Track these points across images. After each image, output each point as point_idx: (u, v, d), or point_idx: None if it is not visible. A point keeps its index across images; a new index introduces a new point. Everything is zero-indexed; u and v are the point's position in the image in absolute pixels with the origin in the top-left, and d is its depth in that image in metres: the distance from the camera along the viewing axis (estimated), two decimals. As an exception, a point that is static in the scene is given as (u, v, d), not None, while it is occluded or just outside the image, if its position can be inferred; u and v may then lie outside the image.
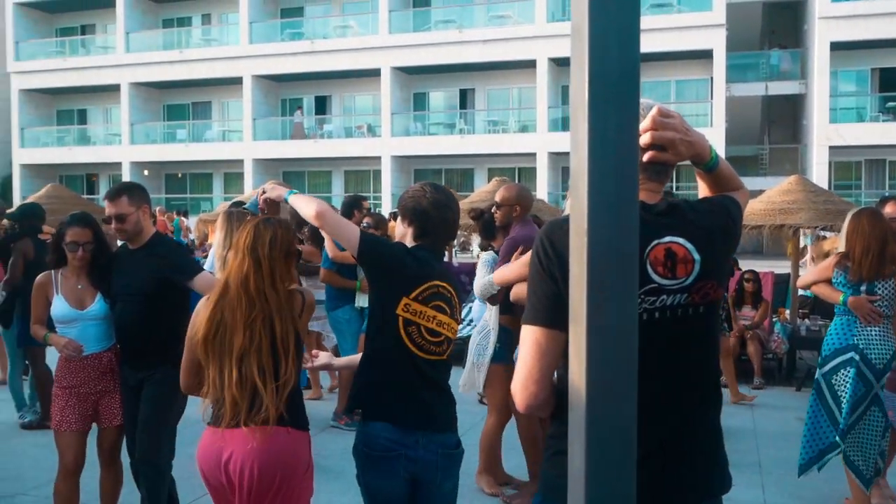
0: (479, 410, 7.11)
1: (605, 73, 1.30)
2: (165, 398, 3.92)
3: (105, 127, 36.97)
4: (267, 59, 31.80)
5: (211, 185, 35.75)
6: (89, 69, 34.90)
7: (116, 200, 3.91)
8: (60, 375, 3.98)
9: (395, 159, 30.79)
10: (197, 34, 34.55)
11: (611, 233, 1.32)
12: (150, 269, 3.91)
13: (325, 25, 32.33)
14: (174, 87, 34.85)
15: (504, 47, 28.85)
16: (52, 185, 13.21)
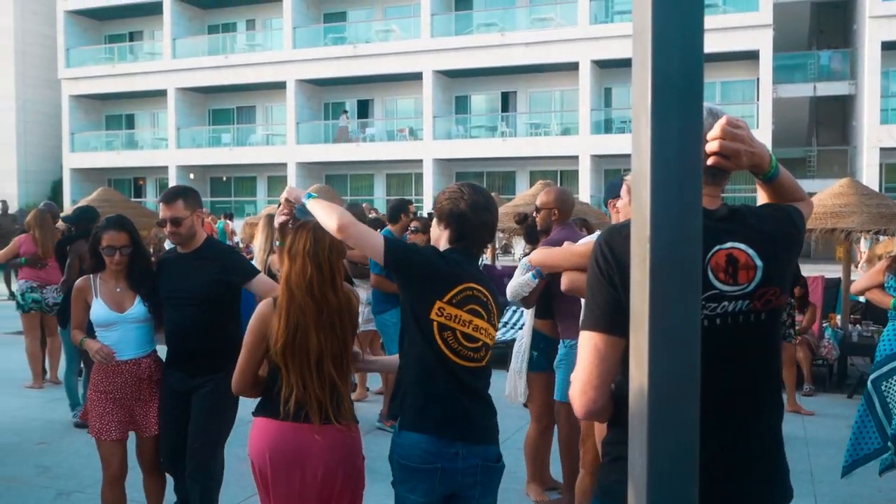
0: (523, 414, 7.08)
1: (669, 76, 1.29)
2: (222, 406, 3.92)
3: (152, 131, 37.67)
4: (310, 63, 32.10)
5: (255, 188, 36.20)
6: (137, 75, 35.58)
7: (172, 204, 3.90)
8: (97, 380, 3.94)
9: (437, 162, 30.87)
10: (242, 40, 35.02)
11: (674, 239, 1.31)
12: (204, 273, 3.89)
13: (368, 30, 32.54)
14: (219, 91, 35.37)
15: (546, 50, 28.75)
16: (102, 188, 13.49)
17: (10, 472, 5.48)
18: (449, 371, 2.69)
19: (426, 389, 2.70)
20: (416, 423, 2.68)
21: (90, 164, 37.15)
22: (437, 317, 2.69)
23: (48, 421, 6.72)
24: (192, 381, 3.91)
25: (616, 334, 1.73)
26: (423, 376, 2.70)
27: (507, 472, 5.50)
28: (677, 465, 1.33)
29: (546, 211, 4.82)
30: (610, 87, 30.25)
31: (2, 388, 8.13)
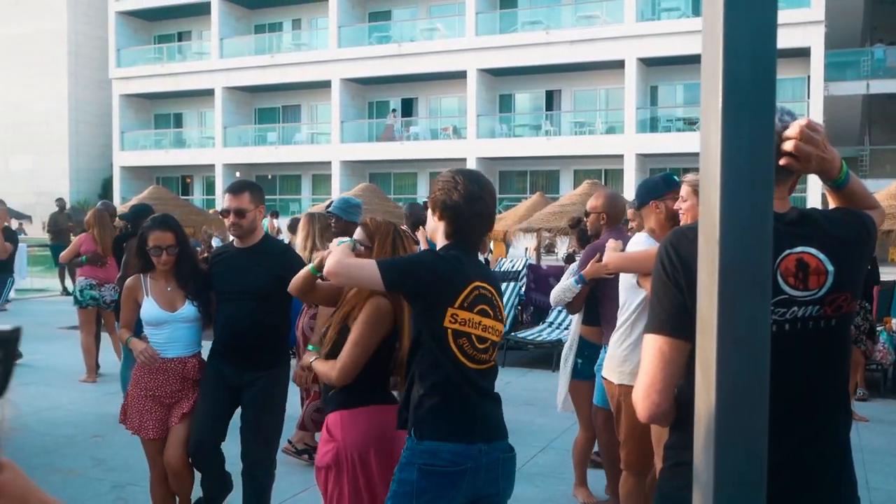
0: (569, 415, 7.05)
1: (740, 79, 1.27)
2: (277, 402, 3.98)
3: (199, 130, 38.28)
4: (355, 62, 32.32)
5: (300, 186, 36.56)
6: (185, 74, 36.19)
7: (239, 195, 3.90)
8: (139, 377, 3.94)
9: (481, 161, 30.84)
10: (287, 39, 35.40)
11: (743, 244, 1.29)
12: (263, 269, 3.89)
13: (413, 28, 32.66)
14: (265, 90, 35.80)
15: (592, 48, 28.55)
16: (153, 187, 13.79)
17: (67, 465, 5.62)
18: (464, 377, 2.65)
19: (445, 398, 2.64)
20: (440, 432, 2.63)
21: (139, 162, 37.88)
22: (451, 324, 2.63)
23: (102, 414, 6.87)
24: (243, 376, 3.90)
25: (681, 338, 1.72)
26: (440, 385, 2.64)
27: (554, 475, 5.49)
28: (745, 472, 1.31)
29: (595, 215, 4.78)
30: (656, 86, 29.93)
31: (57, 382, 8.33)
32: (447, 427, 2.63)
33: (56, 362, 9.37)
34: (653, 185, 3.95)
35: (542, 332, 9.73)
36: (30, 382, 8.26)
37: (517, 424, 6.84)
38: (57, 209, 16.55)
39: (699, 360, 1.33)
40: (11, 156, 42.43)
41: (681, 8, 29.05)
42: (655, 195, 3.90)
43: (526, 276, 11.26)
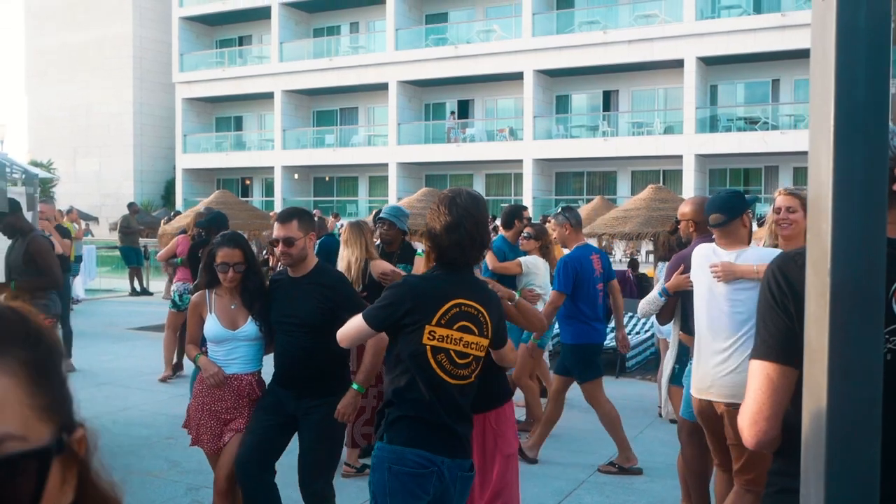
0: (635, 423, 6.98)
1: (853, 104, 1.25)
2: (335, 432, 3.92)
3: (259, 133, 38.92)
4: (412, 64, 32.48)
5: (357, 188, 36.90)
6: (246, 78, 36.83)
7: (288, 224, 3.83)
8: (199, 391, 3.97)
9: (537, 162, 30.73)
10: (345, 42, 35.77)
11: (855, 271, 1.27)
12: (315, 300, 3.82)
13: (469, 30, 32.68)
14: (323, 93, 36.22)
15: (650, 47, 28.20)
16: (219, 191, 14.09)
17: (144, 466, 5.77)
18: (443, 393, 2.84)
19: (416, 414, 2.84)
20: (406, 439, 2.84)
21: (200, 164, 38.67)
22: (429, 340, 2.82)
23: (174, 416, 7.01)
24: (300, 403, 3.85)
25: (790, 364, 1.70)
26: (414, 403, 2.84)
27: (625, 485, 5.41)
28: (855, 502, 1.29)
29: (683, 223, 4.70)
30: (716, 85, 29.42)
31: (130, 382, 8.55)
32: (413, 436, 2.83)
33: (127, 363, 9.62)
34: (738, 199, 3.89)
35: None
36: (103, 383, 8.50)
37: (581, 433, 6.82)
38: (128, 212, 16.99)
39: (807, 389, 1.31)
40: (79, 158, 43.73)
41: (742, 5, 28.50)
42: (747, 207, 3.87)
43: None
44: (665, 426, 6.81)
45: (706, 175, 29.30)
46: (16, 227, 6.30)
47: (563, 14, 31.02)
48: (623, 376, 8.97)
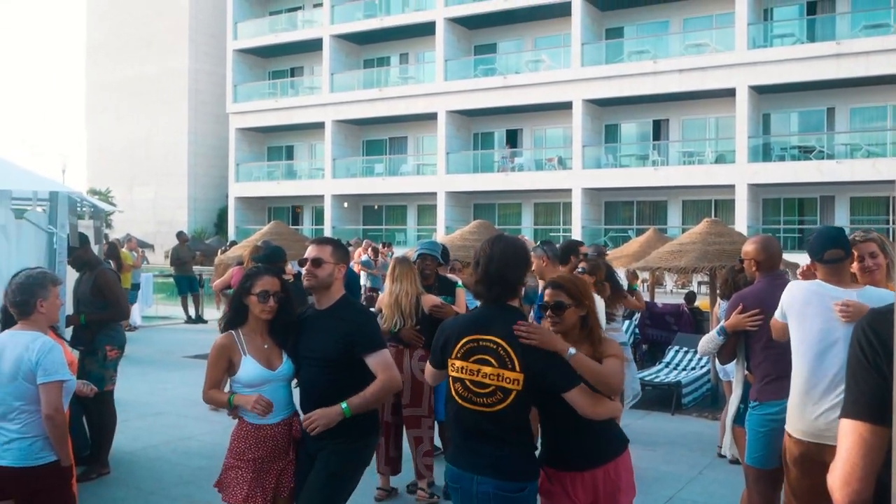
0: (694, 462, 6.86)
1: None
2: (340, 472, 3.66)
3: (310, 162, 39.52)
4: (461, 94, 32.76)
5: (405, 216, 37.16)
6: (297, 108, 37.51)
7: (322, 246, 3.75)
8: (243, 447, 3.67)
9: (586, 191, 30.61)
10: (395, 73, 36.23)
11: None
12: (335, 333, 3.65)
13: (518, 60, 32.88)
14: (373, 123, 36.69)
15: (701, 76, 28.03)
16: (274, 222, 14.30)
17: (204, 497, 5.83)
18: (460, 415, 3.20)
19: (451, 432, 3.36)
20: (448, 457, 3.31)
21: (252, 192, 39.36)
22: (451, 371, 3.23)
23: (231, 446, 7.10)
24: (318, 443, 3.67)
25: (883, 424, 1.67)
26: (450, 418, 3.33)
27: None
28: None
29: (747, 262, 4.63)
30: (768, 113, 29.08)
31: (187, 411, 8.67)
32: (451, 454, 3.28)
33: (183, 392, 9.75)
34: (845, 235, 3.83)
35: (660, 372, 9.52)
36: (161, 412, 8.64)
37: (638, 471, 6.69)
38: (178, 242, 17.34)
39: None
40: (135, 187, 44.85)
41: (795, 34, 28.23)
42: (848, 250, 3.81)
43: (640, 313, 11.08)
44: (725, 466, 6.67)
45: (759, 205, 28.89)
46: (84, 260, 6.46)
47: (612, 44, 31.04)
48: (679, 413, 8.81)
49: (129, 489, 6.07)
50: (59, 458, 3.75)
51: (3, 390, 3.70)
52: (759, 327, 4.26)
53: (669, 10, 30.29)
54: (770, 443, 4.17)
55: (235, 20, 39.60)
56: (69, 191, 5.44)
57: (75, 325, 6.17)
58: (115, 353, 6.51)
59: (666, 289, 24.22)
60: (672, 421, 8.51)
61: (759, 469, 4.19)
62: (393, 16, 35.03)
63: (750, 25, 27.56)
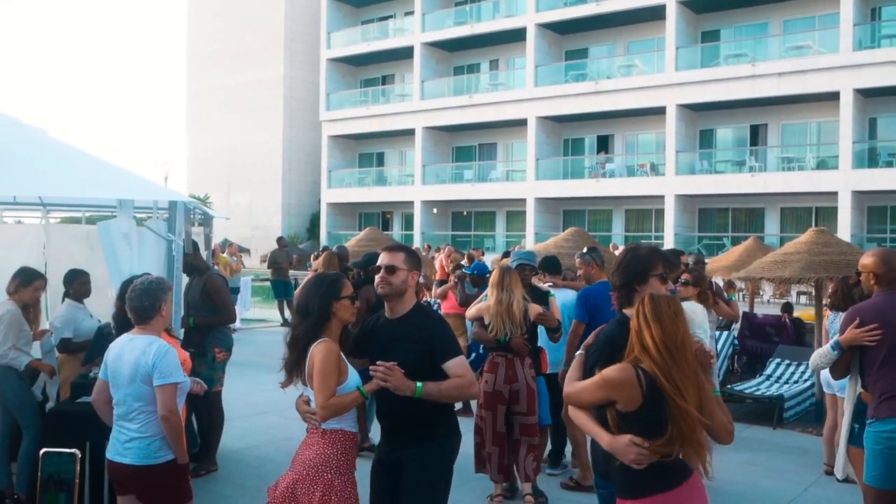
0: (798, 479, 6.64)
1: None
2: (434, 480, 3.65)
3: (400, 168, 40.04)
4: (551, 100, 32.58)
5: (494, 222, 37.20)
6: (388, 116, 38.07)
7: (394, 253, 3.73)
8: (345, 462, 3.53)
9: (679, 198, 29.99)
10: (485, 80, 36.35)
11: None
12: (411, 343, 3.61)
13: (610, 65, 32.50)
14: (463, 129, 36.88)
15: (802, 80, 27.08)
16: (369, 228, 14.59)
17: (305, 497, 5.99)
18: None
19: None
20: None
21: (344, 198, 40.13)
22: None
23: (330, 448, 7.26)
24: (396, 454, 3.66)
25: None
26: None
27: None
28: None
29: (864, 274, 4.48)
30: (875, 118, 27.86)
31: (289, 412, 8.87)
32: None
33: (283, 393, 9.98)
34: None
35: (761, 385, 9.25)
36: (263, 412, 8.91)
37: (739, 486, 6.55)
38: (277, 246, 17.83)
39: None
40: (232, 193, 46.32)
41: (905, 34, 27.01)
42: None
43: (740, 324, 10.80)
44: (833, 485, 6.43)
45: (864, 213, 27.70)
46: (194, 265, 6.72)
47: (707, 47, 30.34)
48: (781, 427, 8.54)
49: (235, 487, 6.29)
50: (176, 457, 3.92)
51: (123, 392, 3.90)
52: (877, 342, 4.11)
53: (769, 12, 29.38)
54: (888, 461, 4.02)
55: (329, 30, 40.49)
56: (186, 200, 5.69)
57: (185, 327, 6.43)
58: (224, 355, 6.76)
59: (763, 299, 23.48)
60: (774, 435, 8.27)
61: (877, 489, 4.04)
62: (483, 22, 35.15)
63: (856, 26, 26.45)
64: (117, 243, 5.06)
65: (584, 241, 10.46)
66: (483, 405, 5.82)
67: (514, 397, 5.73)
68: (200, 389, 4.74)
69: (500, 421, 5.77)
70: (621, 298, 3.31)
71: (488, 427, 5.78)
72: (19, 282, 5.64)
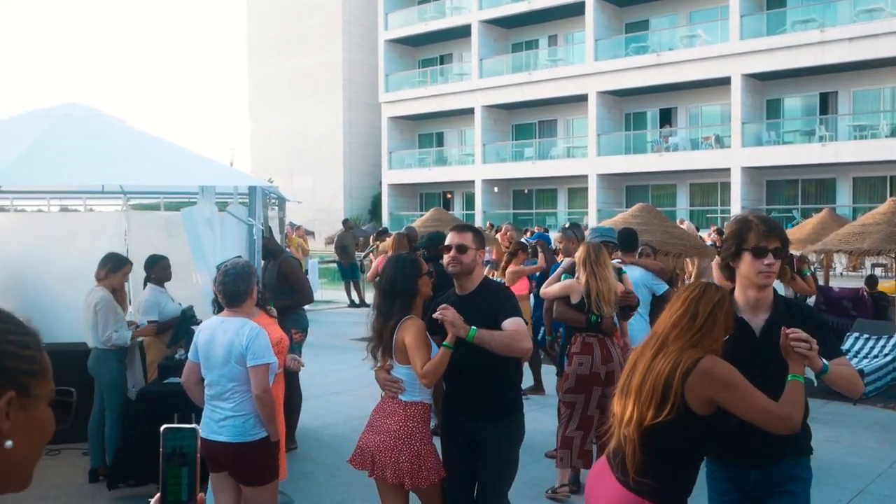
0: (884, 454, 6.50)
1: None
2: (515, 456, 3.89)
3: (459, 148, 40.00)
4: (612, 74, 32.10)
5: (556, 200, 36.95)
6: (447, 95, 38.01)
7: (463, 233, 3.91)
8: (427, 432, 3.78)
9: (746, 170, 29.31)
10: (544, 55, 35.98)
11: None
12: (482, 315, 3.72)
13: (672, 36, 31.83)
14: (522, 107, 36.62)
15: (874, 44, 26.12)
16: (434, 209, 14.67)
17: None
18: None
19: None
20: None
21: (404, 179, 40.32)
22: None
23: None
24: (473, 426, 3.81)
25: None
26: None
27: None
28: None
29: None
30: (955, 80, 26.75)
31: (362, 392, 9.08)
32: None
33: (355, 373, 10.19)
34: None
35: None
36: (337, 392, 9.10)
37: (823, 463, 6.43)
38: (343, 228, 18.05)
39: None
40: (295, 176, 46.93)
41: (985, -8, 25.79)
42: None
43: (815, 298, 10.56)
44: (919, 461, 6.29)
45: (942, 181, 26.71)
46: (269, 249, 6.87)
47: (773, 14, 29.46)
48: (861, 403, 8.35)
49: (315, 464, 6.46)
50: (269, 434, 4.05)
51: (218, 373, 4.03)
52: None
53: (838, -25, 28.40)
54: None
55: (386, 11, 40.54)
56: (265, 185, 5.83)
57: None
58: (300, 335, 6.91)
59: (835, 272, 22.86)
60: (854, 410, 8.10)
61: None
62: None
63: (931, -14, 25.41)
64: (201, 229, 5.21)
65: (652, 217, 10.34)
66: (574, 388, 5.50)
67: (609, 378, 5.38)
68: (297, 366, 4.90)
69: (594, 404, 5.47)
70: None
71: (577, 411, 5.49)
72: (110, 268, 5.86)
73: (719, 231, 17.92)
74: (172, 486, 1.28)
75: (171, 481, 1.28)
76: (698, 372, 2.69)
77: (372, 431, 3.79)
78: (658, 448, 2.75)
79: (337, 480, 6.05)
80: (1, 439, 1.06)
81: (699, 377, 2.69)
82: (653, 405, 2.72)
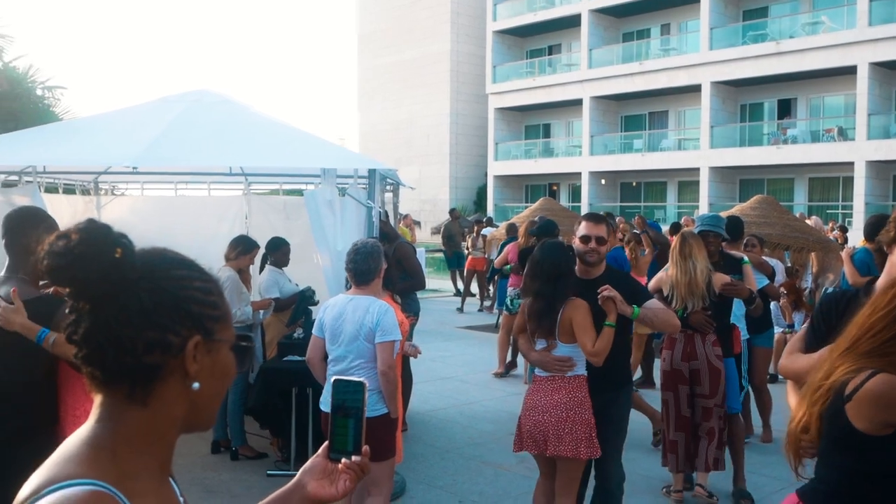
0: None
1: None
2: (625, 423, 4.39)
3: (567, 140, 39.57)
4: (727, 64, 31.03)
5: (665, 193, 36.07)
6: (555, 86, 37.63)
7: (599, 225, 4.23)
8: (590, 402, 4.11)
9: (871, 165, 27.83)
10: (655, 45, 35.13)
11: None
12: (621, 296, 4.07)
13: (793, 24, 30.49)
14: (632, 98, 35.90)
15: None
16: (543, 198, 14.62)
17: (494, 459, 6.15)
18: None
19: None
20: None
21: (510, 171, 40.22)
22: None
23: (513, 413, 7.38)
24: (607, 395, 4.16)
25: None
26: None
27: None
28: None
29: None
30: None
31: (469, 378, 9.17)
32: None
33: (462, 360, 10.30)
34: None
35: None
36: (445, 377, 9.19)
37: None
38: (450, 218, 18.16)
39: None
40: (401, 167, 47.36)
41: None
42: None
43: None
44: None
45: None
46: (384, 233, 6.95)
47: (906, -2, 27.79)
48: None
49: (426, 446, 6.54)
50: (389, 411, 4.12)
51: (345, 349, 4.13)
52: None
53: (981, -45, 26.53)
54: None
55: (495, 2, 40.45)
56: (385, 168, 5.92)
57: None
58: (412, 319, 6.99)
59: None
60: None
61: None
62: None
63: None
64: (322, 210, 5.33)
65: (772, 210, 9.95)
66: (664, 385, 5.40)
67: (695, 377, 5.21)
68: (415, 353, 4.99)
69: (684, 403, 5.28)
70: None
71: (671, 410, 5.32)
72: (241, 249, 6.11)
73: (842, 228, 17.12)
74: (339, 437, 1.31)
75: (338, 431, 1.32)
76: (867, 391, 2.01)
77: (537, 412, 4.01)
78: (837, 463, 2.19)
79: (447, 462, 6.12)
80: (189, 381, 1.11)
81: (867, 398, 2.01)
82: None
